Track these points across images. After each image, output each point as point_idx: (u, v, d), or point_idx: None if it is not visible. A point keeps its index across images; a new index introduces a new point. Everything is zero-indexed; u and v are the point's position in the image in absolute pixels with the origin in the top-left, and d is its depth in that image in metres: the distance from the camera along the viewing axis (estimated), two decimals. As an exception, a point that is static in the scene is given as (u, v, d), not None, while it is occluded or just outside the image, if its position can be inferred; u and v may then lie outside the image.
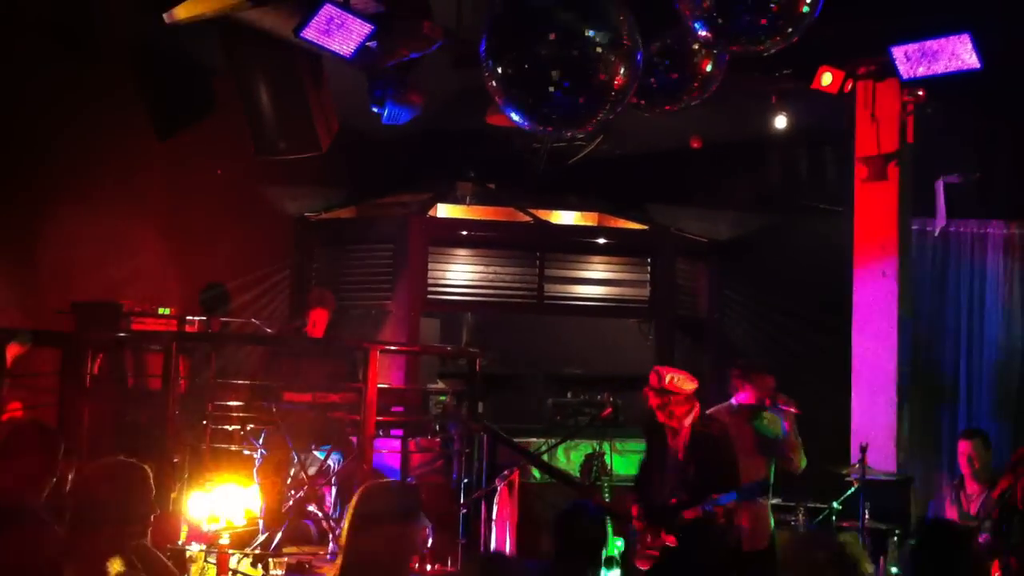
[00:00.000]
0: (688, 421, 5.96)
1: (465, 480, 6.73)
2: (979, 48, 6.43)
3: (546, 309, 9.30)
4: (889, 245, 7.84)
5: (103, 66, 7.08)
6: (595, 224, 9.86)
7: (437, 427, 7.22)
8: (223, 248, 8.18)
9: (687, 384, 5.92)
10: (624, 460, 8.46)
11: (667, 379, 5.94)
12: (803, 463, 6.27)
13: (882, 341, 7.75)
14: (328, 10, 5.80)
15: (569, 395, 8.84)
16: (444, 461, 7.23)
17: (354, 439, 6.32)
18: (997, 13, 6.57)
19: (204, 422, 6.15)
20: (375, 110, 6.72)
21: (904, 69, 6.63)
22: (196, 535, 5.82)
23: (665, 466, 6.12)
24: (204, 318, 7.30)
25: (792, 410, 6.20)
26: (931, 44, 6.47)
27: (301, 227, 9.31)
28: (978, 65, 6.37)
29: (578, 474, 7.68)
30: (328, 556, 6.24)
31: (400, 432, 7.05)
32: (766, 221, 9.61)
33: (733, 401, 6.41)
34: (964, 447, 7.02)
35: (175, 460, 6.00)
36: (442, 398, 7.71)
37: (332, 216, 9.46)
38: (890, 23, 6.85)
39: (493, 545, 6.59)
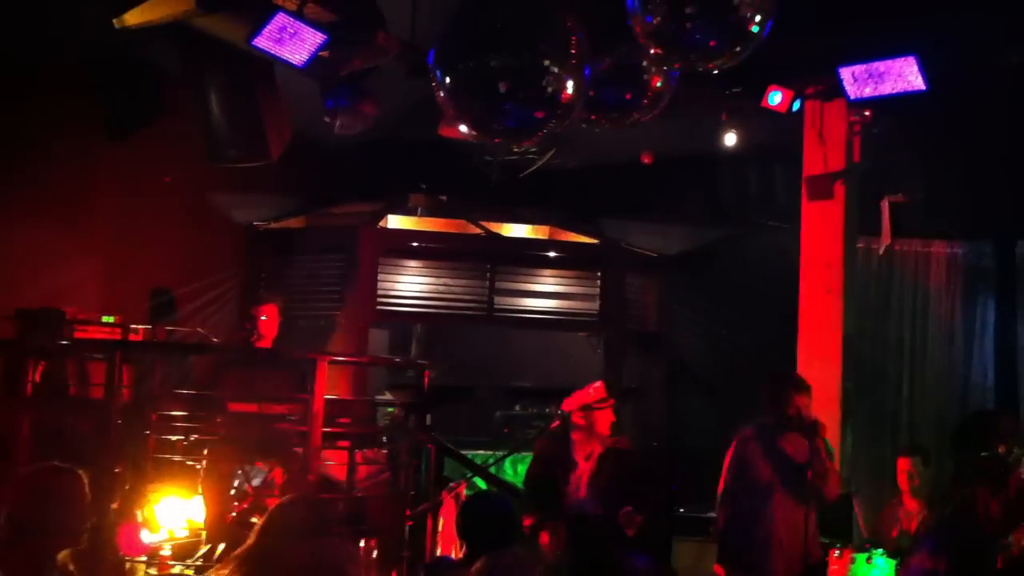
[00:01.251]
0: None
1: (412, 492, 6.70)
2: (924, 70, 6.54)
3: (496, 321, 9.30)
4: (835, 262, 7.93)
5: (53, 69, 7.00)
6: (546, 237, 9.89)
7: (384, 439, 7.18)
8: (170, 256, 8.10)
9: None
10: (571, 473, 8.48)
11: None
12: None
13: (827, 357, 7.83)
14: (281, 19, 5.77)
15: (518, 408, 8.85)
16: (391, 473, 7.20)
17: (300, 450, 6.26)
18: (943, 37, 6.70)
19: (147, 432, 6.06)
20: (328, 120, 6.70)
21: (851, 90, 6.73)
22: (137, 546, 5.73)
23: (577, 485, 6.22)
24: (149, 327, 7.21)
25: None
26: (878, 65, 6.58)
27: (250, 236, 9.24)
28: (923, 87, 6.48)
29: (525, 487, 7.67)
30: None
31: (347, 444, 7.00)
32: (717, 236, 9.70)
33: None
34: (903, 464, 7.11)
35: (116, 470, 5.91)
36: (390, 410, 7.68)
37: (282, 225, 9.40)
38: (839, 44, 6.95)
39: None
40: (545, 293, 9.40)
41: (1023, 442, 5.52)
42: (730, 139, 8.19)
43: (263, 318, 7.24)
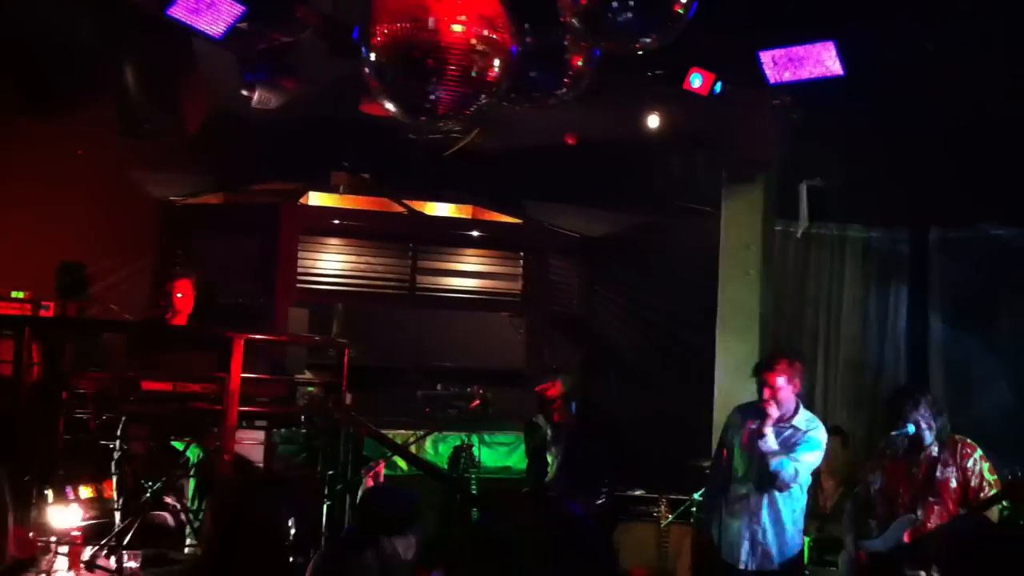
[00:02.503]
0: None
1: (330, 472, 6.65)
2: (843, 56, 6.63)
3: (418, 301, 9.25)
4: (753, 245, 8.04)
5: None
6: (469, 217, 9.86)
7: (303, 418, 7.11)
8: (84, 231, 7.91)
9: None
10: (492, 452, 8.50)
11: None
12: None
13: (745, 339, 7.94)
14: (198, -11, 5.65)
15: (439, 388, 8.83)
16: (309, 453, 7.13)
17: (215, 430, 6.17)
18: (861, 24, 6.79)
19: (59, 411, 5.92)
20: (246, 94, 6.58)
21: (771, 74, 6.80)
22: (48, 527, 5.60)
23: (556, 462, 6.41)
24: (61, 303, 7.03)
25: None
26: (797, 50, 6.65)
27: (167, 212, 9.06)
28: (841, 72, 6.57)
29: (446, 466, 7.67)
30: (185, 548, 6.09)
31: (265, 423, 6.92)
32: (640, 220, 9.76)
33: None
34: (820, 444, 7.24)
35: (27, 450, 5.77)
36: (310, 389, 7.60)
37: (200, 202, 9.24)
38: (760, 29, 7.01)
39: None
40: (468, 273, 9.39)
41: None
42: (654, 122, 8.22)
43: (178, 295, 7.11)
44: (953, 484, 5.43)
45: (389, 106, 4.49)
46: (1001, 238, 8.27)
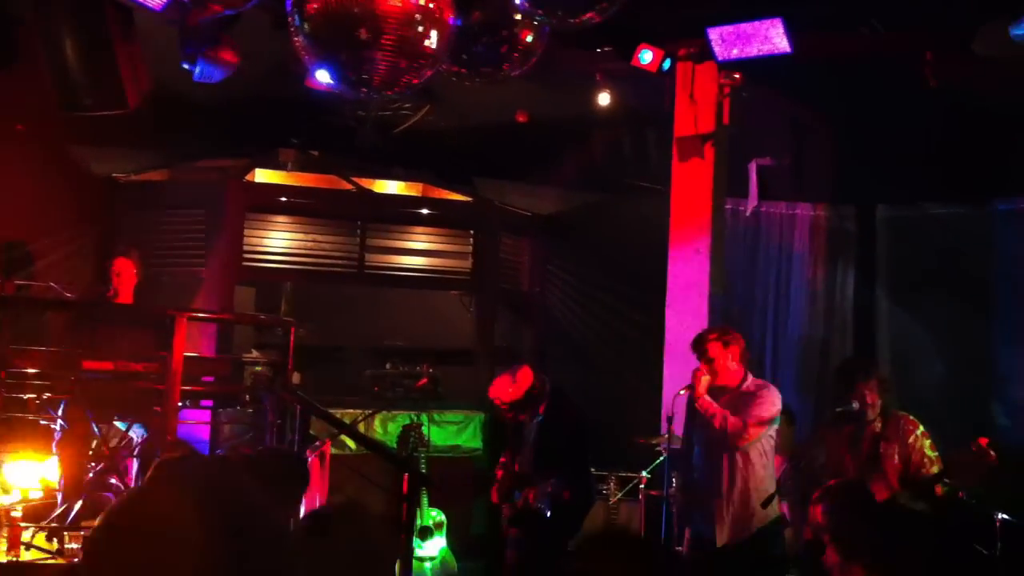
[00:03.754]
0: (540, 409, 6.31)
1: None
2: (790, 33, 6.64)
3: (367, 279, 9.18)
4: (703, 224, 8.05)
5: None
6: (419, 195, 9.79)
7: (249, 398, 7.03)
8: (25, 208, 7.75)
9: (522, 388, 6.23)
10: (442, 431, 8.47)
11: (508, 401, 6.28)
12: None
13: (694, 317, 7.95)
14: (137, -41, 5.53)
15: (388, 367, 8.77)
16: (255, 432, 7.06)
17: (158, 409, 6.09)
18: (810, 2, 6.81)
19: (-3, 390, 5.81)
20: (186, 67, 6.46)
21: (719, 50, 6.80)
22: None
23: (520, 448, 6.34)
24: (1, 281, 6.90)
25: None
26: (745, 27, 6.66)
27: (110, 188, 8.90)
28: (789, 49, 6.58)
29: (395, 445, 7.64)
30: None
31: (210, 403, 6.84)
32: (590, 198, 9.75)
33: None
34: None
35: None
36: (258, 368, 7.53)
37: (143, 178, 9.08)
38: (708, 5, 7.01)
39: (301, 515, 6.48)
40: (417, 251, 9.32)
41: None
42: (604, 100, 8.20)
43: (117, 274, 6.99)
44: (895, 460, 5.48)
45: (324, 78, 4.41)
46: (944, 216, 8.36)
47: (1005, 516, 6.01)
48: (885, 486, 5.45)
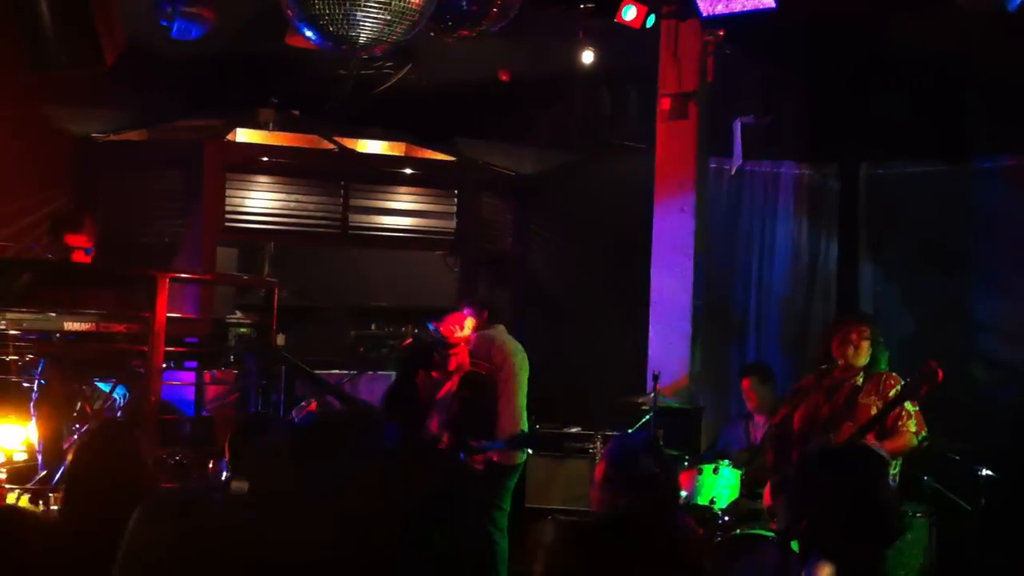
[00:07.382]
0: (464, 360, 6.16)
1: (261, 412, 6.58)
2: (775, -12, 6.59)
3: (350, 240, 9.11)
4: (687, 182, 8.04)
5: None
6: (402, 154, 9.72)
7: (233, 359, 7.01)
8: (0, 169, 7.65)
9: (466, 331, 6.12)
10: (426, 392, 8.45)
11: (454, 335, 6.10)
12: None
13: (678, 276, 7.97)
14: (112, -87, 5.42)
15: (372, 327, 8.75)
16: (240, 394, 7.05)
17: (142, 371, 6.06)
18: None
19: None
20: (163, 23, 6.36)
21: (703, 6, 6.75)
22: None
23: (432, 401, 6.22)
24: (-22, 244, 6.82)
25: None
26: (730, -18, 6.60)
27: (87, 149, 8.78)
28: (773, 5, 6.53)
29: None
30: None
31: (195, 364, 6.81)
32: (572, 157, 9.70)
33: None
34: (744, 383, 7.35)
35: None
36: (242, 330, 7.49)
37: (121, 138, 8.97)
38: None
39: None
40: (400, 211, 9.26)
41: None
42: (587, 58, 8.14)
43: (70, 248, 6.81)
44: (873, 411, 5.49)
45: (308, 34, 4.35)
46: (926, 174, 8.35)
47: (988, 472, 6.08)
48: (852, 428, 5.45)
